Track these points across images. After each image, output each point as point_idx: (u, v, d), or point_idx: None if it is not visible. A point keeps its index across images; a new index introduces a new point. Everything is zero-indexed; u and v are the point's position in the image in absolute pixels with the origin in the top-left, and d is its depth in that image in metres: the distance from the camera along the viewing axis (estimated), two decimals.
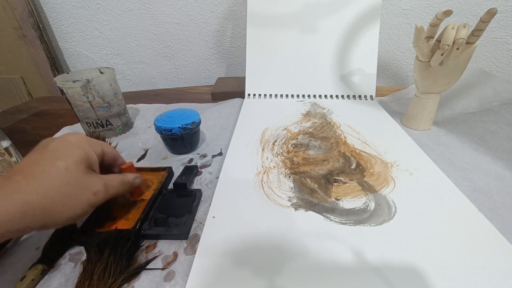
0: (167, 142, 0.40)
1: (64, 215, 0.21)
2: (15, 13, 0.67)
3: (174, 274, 0.23)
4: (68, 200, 0.21)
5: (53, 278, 0.23)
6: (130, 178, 0.27)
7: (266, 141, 0.42)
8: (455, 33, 0.36)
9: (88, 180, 0.23)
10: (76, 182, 0.22)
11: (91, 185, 0.23)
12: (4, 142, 0.32)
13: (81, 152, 0.23)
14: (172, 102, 0.60)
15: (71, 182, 0.21)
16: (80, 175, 0.22)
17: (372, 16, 0.54)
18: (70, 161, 0.22)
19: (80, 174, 0.22)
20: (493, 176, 0.33)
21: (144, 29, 0.73)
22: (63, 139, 0.24)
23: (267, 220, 0.28)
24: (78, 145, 0.24)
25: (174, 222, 0.27)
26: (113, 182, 0.25)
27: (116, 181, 0.25)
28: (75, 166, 0.22)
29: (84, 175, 0.23)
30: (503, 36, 0.66)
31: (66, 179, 0.21)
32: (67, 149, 0.23)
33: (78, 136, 0.25)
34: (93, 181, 0.23)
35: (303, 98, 0.57)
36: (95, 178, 0.23)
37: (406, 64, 0.73)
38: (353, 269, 0.23)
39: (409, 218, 0.27)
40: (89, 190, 0.22)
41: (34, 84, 0.77)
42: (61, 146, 0.23)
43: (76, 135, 0.25)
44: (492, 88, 0.49)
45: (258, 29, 0.57)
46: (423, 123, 0.45)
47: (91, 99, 0.42)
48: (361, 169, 0.35)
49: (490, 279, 0.22)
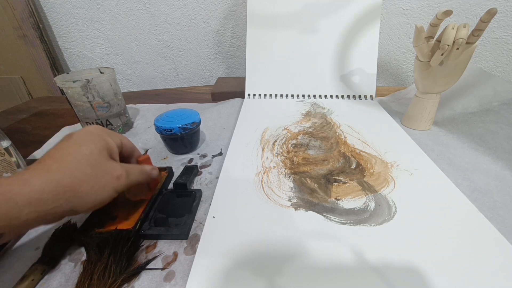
0: (167, 142, 0.40)
1: (91, 197, 0.22)
2: (15, 13, 0.67)
3: (174, 274, 0.23)
4: (93, 182, 0.23)
5: (53, 278, 0.23)
6: (147, 169, 0.29)
7: (266, 141, 0.42)
8: (455, 33, 0.36)
9: (110, 165, 0.24)
10: (100, 165, 0.23)
11: (113, 169, 0.24)
12: (4, 142, 0.32)
13: (103, 141, 0.25)
14: (172, 102, 0.60)
15: (95, 165, 0.23)
16: (103, 160, 0.24)
17: (372, 16, 0.54)
18: (93, 147, 0.24)
19: (104, 160, 0.24)
20: (493, 176, 0.33)
21: (144, 29, 0.73)
22: (85, 130, 0.25)
23: (267, 220, 0.28)
24: (98, 134, 0.25)
25: (174, 222, 0.27)
26: (133, 170, 0.26)
27: (136, 169, 0.27)
28: (98, 151, 0.24)
29: (106, 161, 0.24)
30: (503, 36, 0.66)
31: (91, 162, 0.23)
32: (89, 138, 0.24)
33: (98, 128, 0.27)
34: (116, 167, 0.25)
35: (303, 98, 0.57)
36: (116, 164, 0.25)
37: (406, 64, 0.73)
38: (353, 269, 0.22)
39: (409, 218, 0.27)
40: (112, 174, 0.24)
41: (34, 84, 0.77)
42: (83, 135, 0.24)
43: (96, 127, 0.27)
44: (492, 88, 0.49)
45: (258, 29, 0.57)
46: (423, 123, 0.45)
47: (91, 99, 0.42)
48: (361, 169, 0.35)
49: (490, 279, 0.22)
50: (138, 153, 0.30)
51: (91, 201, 0.23)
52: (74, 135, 0.24)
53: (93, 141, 0.24)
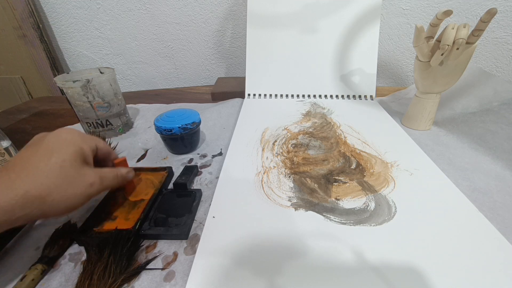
0: (167, 142, 0.40)
1: (62, 204, 0.22)
2: (15, 13, 0.67)
3: (174, 274, 0.23)
4: (64, 191, 0.22)
5: (53, 278, 0.23)
6: (123, 172, 0.28)
7: (266, 141, 0.42)
8: (455, 33, 0.36)
9: (83, 173, 0.24)
10: (72, 174, 0.23)
11: (87, 177, 0.24)
12: (4, 142, 0.32)
13: (75, 147, 0.24)
14: (172, 102, 0.60)
15: (66, 175, 0.22)
16: (75, 169, 0.23)
17: (372, 16, 0.54)
18: (65, 156, 0.23)
19: (75, 168, 0.23)
20: (493, 176, 0.33)
21: (144, 29, 0.73)
22: (56, 135, 0.24)
23: (267, 220, 0.28)
24: (72, 140, 0.24)
25: (174, 222, 0.27)
26: (107, 174, 0.26)
27: (110, 173, 0.26)
28: (70, 161, 0.23)
29: (80, 169, 0.24)
30: (503, 36, 0.66)
31: (62, 173, 0.22)
32: (61, 145, 0.23)
33: (71, 132, 0.25)
34: (89, 174, 0.24)
35: (303, 98, 0.57)
36: (90, 171, 0.24)
37: (406, 64, 0.73)
38: (353, 269, 0.23)
39: (409, 218, 0.27)
40: (85, 182, 0.23)
41: (34, 84, 0.77)
42: (55, 141, 0.23)
43: (69, 130, 0.26)
44: (492, 88, 0.49)
45: (258, 29, 0.57)
46: (423, 123, 0.45)
47: (91, 99, 0.42)
48: (361, 169, 0.35)
49: (490, 279, 0.22)
50: (114, 156, 0.30)
51: (62, 208, 0.22)
52: (45, 140, 0.23)
53: (65, 149, 0.23)
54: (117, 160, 0.30)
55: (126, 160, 0.30)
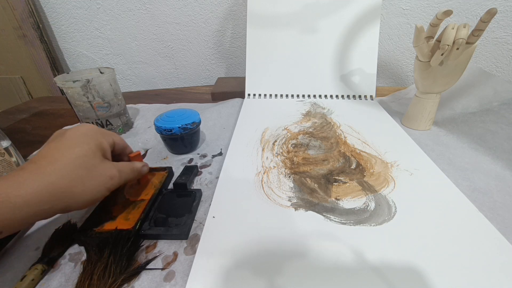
0: (167, 142, 0.40)
1: (85, 196, 0.23)
2: (15, 13, 0.67)
3: (174, 274, 0.23)
4: (87, 182, 0.23)
5: (53, 278, 0.23)
6: (138, 166, 0.30)
7: (266, 141, 0.42)
8: (455, 33, 0.36)
9: (104, 166, 0.25)
10: (94, 167, 0.24)
11: (107, 170, 0.25)
12: (4, 142, 0.32)
13: (95, 141, 0.25)
14: (172, 102, 0.60)
15: (89, 167, 0.23)
16: (97, 161, 0.24)
17: (372, 16, 0.54)
18: (87, 148, 0.24)
19: (97, 161, 0.24)
20: (493, 176, 0.33)
21: (144, 29, 0.73)
22: (77, 130, 0.25)
23: (267, 220, 0.28)
24: (91, 135, 0.25)
25: (174, 222, 0.27)
26: (124, 168, 0.27)
27: (127, 167, 0.28)
28: (92, 153, 0.24)
29: (100, 161, 0.25)
30: (503, 36, 0.66)
31: (84, 163, 0.23)
32: (81, 138, 0.25)
33: (90, 127, 0.27)
34: (109, 167, 0.25)
35: (303, 98, 0.57)
36: (109, 164, 0.26)
37: (406, 64, 0.73)
38: (353, 269, 0.23)
39: (409, 218, 0.27)
40: (105, 175, 0.25)
41: (34, 84, 0.77)
42: (76, 136, 0.25)
43: (89, 126, 0.27)
44: (492, 88, 0.49)
45: (258, 29, 0.57)
46: (423, 123, 0.45)
47: (91, 99, 0.42)
48: (361, 169, 0.35)
49: (490, 279, 0.22)
50: (129, 150, 0.31)
51: (85, 200, 0.23)
52: (67, 135, 0.24)
53: (87, 142, 0.24)
54: (132, 154, 0.31)
55: (140, 154, 0.32)
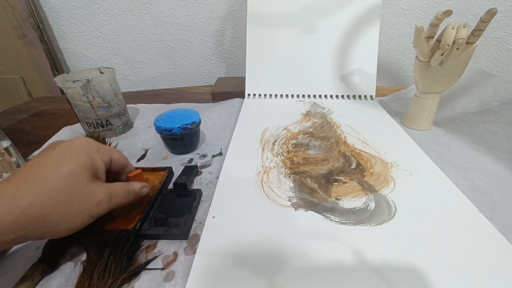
0: (167, 142, 0.40)
1: (63, 226, 0.21)
2: (15, 13, 0.67)
3: (174, 274, 0.23)
4: (67, 210, 0.20)
5: (53, 278, 0.23)
6: (136, 188, 0.26)
7: (266, 141, 0.42)
8: (455, 33, 0.36)
9: (91, 189, 0.22)
10: (78, 189, 0.21)
11: (94, 194, 0.22)
12: (4, 142, 0.32)
13: (87, 158, 0.22)
14: (172, 102, 0.60)
15: (72, 189, 0.21)
16: (83, 182, 0.21)
17: (372, 16, 0.54)
18: (75, 167, 0.21)
19: (84, 182, 0.21)
20: (493, 176, 0.33)
21: (144, 29, 0.73)
22: (71, 144, 0.23)
23: (267, 220, 0.28)
24: (85, 150, 0.23)
25: (174, 222, 0.27)
26: (117, 191, 0.24)
27: (121, 190, 0.25)
28: (79, 172, 0.21)
29: (88, 183, 0.22)
30: (503, 36, 0.66)
31: (68, 185, 0.20)
32: (73, 154, 0.22)
33: (87, 141, 0.24)
34: (97, 190, 0.22)
35: (303, 98, 0.57)
36: (99, 187, 0.23)
37: (406, 64, 0.73)
38: (353, 269, 0.22)
39: (409, 218, 0.27)
40: (91, 200, 0.22)
41: (34, 84, 0.77)
42: (68, 150, 0.22)
43: (85, 140, 0.24)
44: (492, 88, 0.49)
45: (258, 29, 0.57)
46: (423, 123, 0.45)
47: (91, 99, 0.42)
48: (361, 169, 0.35)
49: (490, 279, 0.22)
50: (130, 168, 0.28)
51: (62, 230, 0.21)
52: (58, 148, 0.22)
53: (77, 159, 0.22)
54: (131, 173, 0.28)
55: (142, 173, 0.28)
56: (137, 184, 0.27)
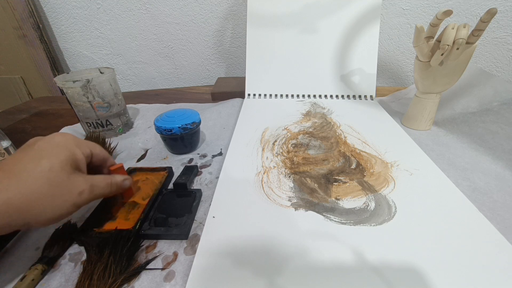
0: (167, 142, 0.40)
1: (47, 215, 0.21)
2: (15, 13, 0.67)
3: (174, 274, 0.23)
4: (50, 200, 0.21)
5: (53, 278, 0.23)
6: (118, 180, 0.27)
7: (266, 141, 0.42)
8: (455, 33, 0.36)
9: (73, 180, 0.23)
10: (60, 182, 0.22)
11: (76, 185, 0.23)
12: (4, 142, 0.32)
13: (67, 152, 0.23)
14: (172, 102, 0.60)
15: (54, 183, 0.21)
16: (64, 175, 0.22)
17: (372, 16, 0.54)
18: (55, 161, 0.22)
19: (65, 175, 0.22)
20: (493, 176, 0.33)
21: (144, 29, 0.73)
22: (50, 139, 0.24)
23: (267, 220, 0.28)
24: (65, 145, 0.24)
25: (174, 222, 0.27)
26: (99, 182, 0.25)
27: (102, 182, 0.25)
28: (60, 166, 0.22)
29: (69, 175, 0.22)
30: (503, 36, 0.66)
31: (49, 180, 0.21)
32: (53, 149, 0.23)
33: (65, 136, 0.25)
34: (78, 181, 0.23)
35: (303, 98, 0.57)
36: (80, 178, 0.23)
37: (406, 64, 0.73)
38: (353, 269, 0.22)
39: (409, 218, 0.27)
40: (73, 191, 0.22)
41: (34, 84, 0.77)
42: (48, 145, 0.23)
43: (63, 135, 0.25)
44: (492, 88, 0.49)
45: (258, 29, 0.57)
46: (423, 123, 0.45)
47: (91, 99, 0.42)
48: (361, 169, 0.35)
49: (490, 279, 0.22)
50: (111, 162, 0.29)
51: (47, 218, 0.21)
52: (37, 145, 0.23)
53: (56, 154, 0.22)
54: (113, 167, 0.29)
55: (123, 167, 0.29)
56: (119, 177, 0.27)
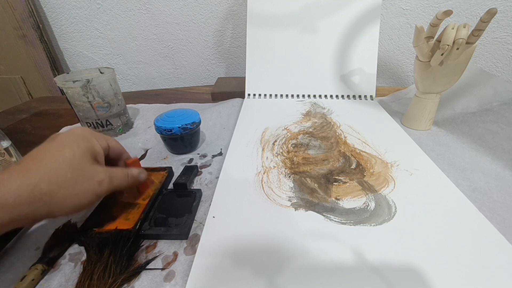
0: (167, 142, 0.40)
1: (70, 201, 0.22)
2: (15, 13, 0.67)
3: (174, 274, 0.23)
4: (73, 186, 0.22)
5: (53, 278, 0.23)
6: (134, 173, 0.28)
7: (266, 141, 0.42)
8: (455, 33, 0.36)
9: (93, 170, 0.24)
10: (82, 169, 0.23)
11: (96, 174, 0.24)
12: (4, 142, 0.32)
13: (87, 143, 0.24)
14: (172, 102, 0.60)
15: (76, 169, 0.22)
16: (86, 163, 0.23)
17: (372, 16, 0.54)
18: (77, 149, 0.23)
19: (86, 163, 0.23)
20: (493, 176, 0.33)
21: (144, 29, 0.73)
22: (69, 132, 0.25)
23: (267, 220, 0.28)
24: (84, 136, 0.25)
25: (174, 222, 0.27)
26: (117, 174, 0.26)
27: (120, 173, 0.26)
28: (81, 154, 0.23)
29: (89, 164, 0.24)
30: (503, 36, 0.66)
31: (72, 165, 0.22)
32: (73, 140, 0.24)
33: (84, 129, 0.26)
34: (98, 171, 0.24)
35: (303, 98, 0.57)
36: (99, 169, 0.24)
37: (406, 64, 0.73)
38: (353, 269, 0.22)
39: (409, 218, 0.27)
40: (94, 179, 0.23)
41: (34, 84, 0.77)
42: (68, 137, 0.24)
43: (82, 128, 0.26)
44: (492, 88, 0.49)
45: (258, 29, 0.57)
46: (423, 123, 0.45)
47: (91, 99, 0.42)
48: (361, 169, 0.35)
49: (490, 279, 0.22)
50: (126, 156, 0.30)
51: (69, 206, 0.22)
52: (59, 137, 0.24)
53: (77, 143, 0.24)
54: (129, 160, 0.30)
55: (138, 161, 0.30)
56: (135, 170, 0.28)
